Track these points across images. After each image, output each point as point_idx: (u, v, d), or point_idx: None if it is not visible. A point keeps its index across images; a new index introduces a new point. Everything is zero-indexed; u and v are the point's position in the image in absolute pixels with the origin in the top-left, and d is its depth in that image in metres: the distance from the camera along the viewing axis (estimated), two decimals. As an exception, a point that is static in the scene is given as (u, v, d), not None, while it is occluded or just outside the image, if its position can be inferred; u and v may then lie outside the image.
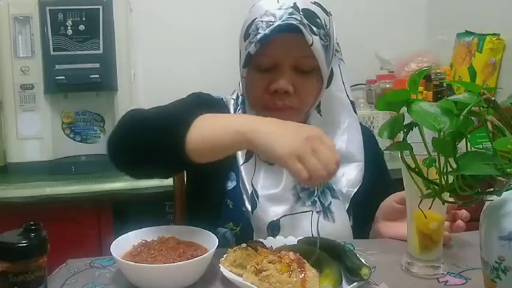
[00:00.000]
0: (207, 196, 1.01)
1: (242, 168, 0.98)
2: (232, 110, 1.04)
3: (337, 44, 1.02)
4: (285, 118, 0.94)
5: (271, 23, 0.89)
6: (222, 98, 1.09)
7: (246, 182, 0.97)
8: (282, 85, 0.91)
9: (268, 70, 0.93)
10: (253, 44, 0.90)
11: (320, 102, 1.00)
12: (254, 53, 0.91)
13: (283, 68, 0.92)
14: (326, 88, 1.00)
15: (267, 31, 0.89)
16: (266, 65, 0.93)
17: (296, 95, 0.93)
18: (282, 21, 0.88)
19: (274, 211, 0.95)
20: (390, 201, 0.95)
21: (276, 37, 0.89)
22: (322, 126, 1.00)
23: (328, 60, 0.95)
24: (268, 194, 0.95)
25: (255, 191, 0.96)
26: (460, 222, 0.87)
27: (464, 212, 0.88)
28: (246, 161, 0.99)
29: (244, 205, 0.96)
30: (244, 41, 0.95)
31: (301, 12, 0.90)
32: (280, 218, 0.95)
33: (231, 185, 1.00)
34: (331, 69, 1.00)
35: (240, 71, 0.98)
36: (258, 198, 0.95)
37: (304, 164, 0.68)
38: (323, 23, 0.92)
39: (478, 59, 1.98)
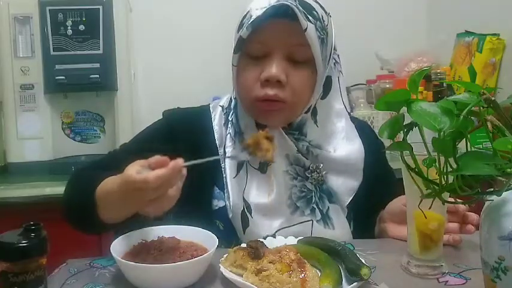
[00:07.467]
0: (194, 217, 0.93)
1: (233, 182, 0.94)
2: (217, 119, 1.01)
3: (338, 56, 0.99)
4: (276, 113, 0.91)
5: (264, 8, 0.86)
6: (209, 106, 1.05)
7: (236, 198, 0.93)
8: (274, 73, 0.87)
9: (260, 59, 0.90)
10: (246, 27, 0.87)
11: (317, 112, 0.96)
12: (246, 37, 0.88)
13: (275, 57, 0.88)
14: (324, 98, 0.96)
15: (259, 13, 0.86)
16: (257, 53, 0.90)
17: (289, 87, 0.89)
18: (276, 2, 0.86)
19: (269, 225, 0.92)
20: (398, 204, 0.93)
21: (268, 23, 0.87)
22: (319, 137, 0.97)
23: (324, 55, 0.91)
24: (262, 204, 0.92)
25: (247, 206, 0.92)
26: (470, 227, 0.86)
27: (475, 218, 0.86)
28: (236, 173, 0.95)
29: (235, 226, 0.93)
30: (238, 31, 0.91)
31: (297, 1, 0.87)
32: (276, 232, 0.92)
33: (218, 204, 0.96)
34: (331, 79, 0.97)
35: (232, 59, 0.93)
36: (250, 214, 0.92)
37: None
38: (320, 17, 0.90)
39: (478, 59, 1.98)
